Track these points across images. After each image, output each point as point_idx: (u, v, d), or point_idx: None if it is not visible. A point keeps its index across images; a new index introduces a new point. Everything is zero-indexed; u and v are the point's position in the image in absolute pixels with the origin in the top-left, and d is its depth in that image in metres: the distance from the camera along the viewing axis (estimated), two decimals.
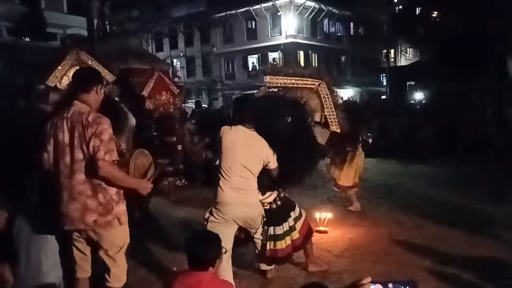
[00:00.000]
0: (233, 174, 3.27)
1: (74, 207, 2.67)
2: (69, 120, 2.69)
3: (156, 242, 4.83)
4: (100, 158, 2.60)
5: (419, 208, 5.87)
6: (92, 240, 2.80)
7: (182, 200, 6.82)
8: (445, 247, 4.47)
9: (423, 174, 8.44)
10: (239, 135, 3.33)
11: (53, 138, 2.73)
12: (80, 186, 2.67)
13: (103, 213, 2.69)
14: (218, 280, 2.62)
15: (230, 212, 3.30)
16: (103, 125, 2.66)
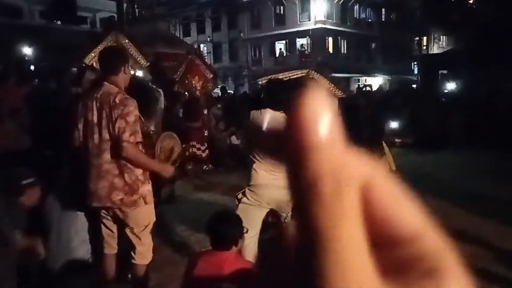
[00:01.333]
0: (267, 155, 3.29)
1: (101, 185, 2.75)
2: (98, 100, 2.75)
3: (180, 223, 4.92)
4: (124, 139, 2.66)
5: (449, 198, 5.73)
6: (118, 218, 2.88)
7: (207, 185, 6.89)
8: (475, 239, 4.36)
9: (454, 164, 8.22)
10: (269, 117, 3.36)
11: (83, 117, 2.80)
12: (107, 165, 2.74)
13: (129, 192, 2.77)
14: (241, 259, 2.66)
15: (265, 194, 3.33)
16: (129, 107, 2.71)
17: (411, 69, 34.60)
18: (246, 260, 2.79)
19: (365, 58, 34.66)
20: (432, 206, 1.20)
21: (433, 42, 34.20)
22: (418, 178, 6.98)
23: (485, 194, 5.93)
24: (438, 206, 5.45)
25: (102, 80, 2.83)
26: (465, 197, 5.84)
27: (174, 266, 3.79)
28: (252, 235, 3.38)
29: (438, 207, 5.41)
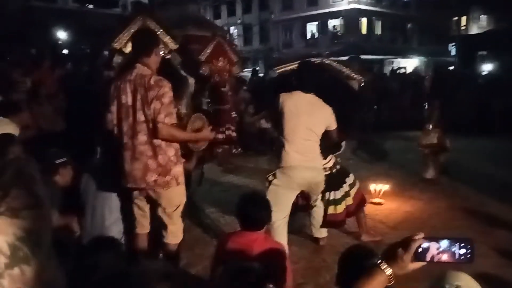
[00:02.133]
0: (298, 138, 3.30)
1: (136, 167, 2.80)
2: (132, 82, 2.77)
3: (210, 205, 5.00)
4: (160, 120, 2.69)
5: (482, 185, 5.57)
6: (152, 198, 2.94)
7: (236, 168, 6.94)
8: (508, 226, 4.24)
9: (490, 150, 7.94)
10: (300, 99, 3.36)
11: (117, 99, 2.83)
12: (141, 146, 2.78)
13: (162, 173, 2.81)
14: (270, 240, 2.69)
15: (297, 176, 3.34)
16: (164, 88, 2.73)
17: (448, 51, 33.36)
18: (275, 242, 2.82)
19: (400, 40, 33.64)
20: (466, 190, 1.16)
21: (472, 22, 32.76)
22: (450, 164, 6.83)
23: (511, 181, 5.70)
24: (472, 190, 5.33)
25: (134, 62, 2.85)
26: (496, 185, 5.63)
27: (204, 246, 3.87)
28: (282, 216, 3.40)
29: (472, 191, 5.29)
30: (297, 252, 3.73)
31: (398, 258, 1.16)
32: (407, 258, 1.15)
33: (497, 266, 3.49)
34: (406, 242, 1.16)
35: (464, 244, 1.16)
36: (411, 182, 5.87)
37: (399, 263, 1.16)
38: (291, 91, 3.41)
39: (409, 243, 1.15)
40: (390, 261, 1.17)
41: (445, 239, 1.17)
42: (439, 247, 1.16)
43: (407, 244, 1.15)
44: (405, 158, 7.42)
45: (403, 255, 1.15)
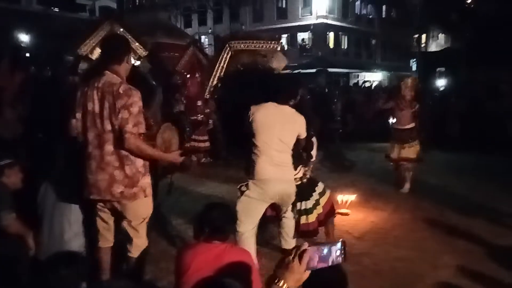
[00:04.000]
0: (271, 149, 3.29)
1: (101, 177, 2.69)
2: (99, 90, 2.67)
3: (178, 216, 4.91)
4: (128, 130, 2.60)
5: (442, 196, 5.77)
6: (117, 211, 2.83)
7: (205, 177, 6.89)
8: (467, 236, 4.40)
9: (448, 162, 8.25)
10: (272, 110, 3.36)
11: (83, 106, 2.72)
12: (108, 156, 2.68)
13: (129, 185, 2.71)
14: (237, 248, 2.65)
15: (270, 189, 3.34)
16: (133, 98, 2.64)
17: (409, 66, 34.62)
18: (242, 249, 2.78)
19: (365, 54, 34.61)
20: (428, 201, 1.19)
21: (431, 39, 34.18)
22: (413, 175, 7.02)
23: (476, 194, 5.95)
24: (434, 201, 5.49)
25: (103, 69, 2.74)
26: (456, 196, 5.85)
27: (170, 260, 3.75)
28: (250, 227, 3.39)
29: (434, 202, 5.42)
30: (266, 264, 3.68)
31: (294, 271, 1.21)
32: (302, 269, 1.21)
33: (456, 275, 3.61)
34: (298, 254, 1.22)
35: (339, 247, 1.24)
36: (376, 193, 6.00)
37: (296, 275, 1.21)
38: (262, 102, 3.39)
39: (301, 254, 1.21)
40: (285, 276, 1.22)
41: (324, 247, 1.25)
42: (321, 254, 1.24)
43: (300, 256, 1.21)
44: (370, 169, 7.60)
45: (299, 267, 1.21)
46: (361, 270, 3.59)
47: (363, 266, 3.71)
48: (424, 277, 3.58)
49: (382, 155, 7.56)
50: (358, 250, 4.08)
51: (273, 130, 3.28)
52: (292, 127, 3.36)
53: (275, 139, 3.28)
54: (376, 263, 3.83)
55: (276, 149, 3.30)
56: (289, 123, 3.35)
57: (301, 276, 1.21)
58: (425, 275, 3.61)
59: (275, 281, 1.22)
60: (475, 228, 4.62)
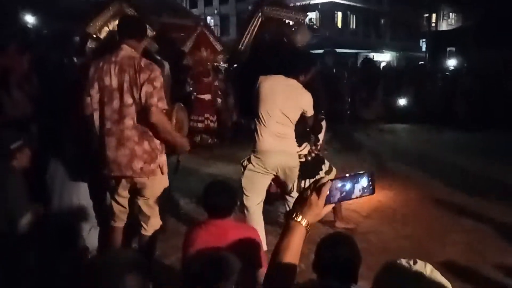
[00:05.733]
0: (272, 121, 3.29)
1: (122, 153, 2.63)
2: (117, 64, 2.61)
3: (185, 195, 4.96)
4: (153, 104, 2.54)
5: (451, 176, 5.75)
6: (135, 188, 2.79)
7: (212, 157, 6.91)
8: (475, 215, 4.40)
9: (458, 142, 8.20)
10: (278, 82, 3.35)
11: (98, 82, 2.65)
12: (128, 131, 2.62)
13: (148, 160, 2.67)
14: (245, 226, 2.68)
15: (270, 161, 3.34)
16: (156, 72, 2.60)
17: (419, 46, 34.11)
18: (248, 227, 2.81)
19: (374, 34, 34.13)
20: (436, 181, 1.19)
21: (442, 19, 33.58)
22: (419, 155, 7.03)
23: (485, 172, 5.92)
24: (442, 181, 5.49)
25: (120, 43, 2.67)
26: (464, 175, 5.84)
27: (178, 237, 3.80)
28: (257, 201, 3.42)
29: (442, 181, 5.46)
30: (273, 241, 3.71)
31: (312, 206, 1.15)
32: (321, 204, 1.15)
33: (464, 253, 3.63)
34: (317, 188, 1.16)
35: (366, 178, 1.19)
36: (384, 172, 5.99)
37: (314, 210, 1.15)
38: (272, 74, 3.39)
39: (319, 189, 1.15)
40: (304, 210, 1.16)
41: (348, 179, 1.18)
42: (345, 187, 1.18)
43: (318, 190, 1.15)
44: (378, 149, 7.57)
45: (317, 201, 1.15)
46: (369, 248, 3.61)
47: (371, 243, 3.74)
48: (432, 255, 3.59)
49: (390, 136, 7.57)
50: (365, 228, 4.11)
51: (275, 101, 3.27)
52: (296, 101, 3.34)
53: (277, 111, 3.27)
54: (383, 240, 3.85)
55: (278, 121, 3.29)
56: (293, 96, 3.32)
57: (320, 211, 1.16)
58: (433, 253, 3.63)
59: (293, 215, 1.18)
60: (484, 206, 4.62)
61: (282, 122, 3.32)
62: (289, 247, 1.17)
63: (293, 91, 3.34)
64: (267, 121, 3.30)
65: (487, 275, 3.29)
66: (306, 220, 1.16)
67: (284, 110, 3.29)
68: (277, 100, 3.27)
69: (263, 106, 3.30)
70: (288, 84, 3.36)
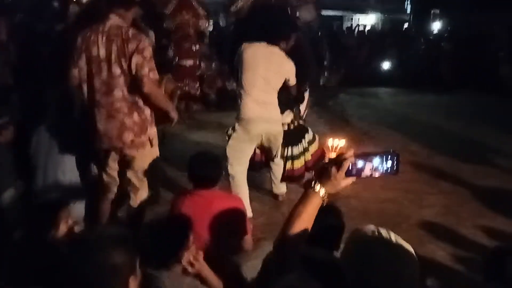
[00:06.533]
0: (255, 88, 3.31)
1: (112, 125, 2.62)
2: (105, 34, 2.56)
3: (171, 164, 4.97)
4: (144, 75, 2.52)
5: (432, 138, 5.89)
6: (125, 160, 2.79)
7: (197, 124, 6.89)
8: (454, 177, 4.57)
9: (440, 104, 8.32)
10: (261, 49, 3.35)
11: (85, 53, 2.60)
12: (118, 103, 2.60)
13: (138, 133, 2.68)
14: (227, 194, 2.76)
15: (254, 128, 3.39)
16: (144, 42, 2.57)
17: (404, 8, 33.78)
18: (234, 196, 2.89)
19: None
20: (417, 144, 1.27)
21: None
22: (401, 118, 7.15)
23: (466, 135, 6.09)
24: (422, 144, 5.63)
25: (108, 12, 2.61)
26: (444, 138, 6.00)
27: (164, 206, 3.87)
28: (241, 169, 3.49)
29: (422, 144, 5.60)
30: (257, 208, 3.84)
31: (331, 177, 1.19)
32: (340, 176, 1.19)
33: (441, 215, 3.80)
34: (338, 160, 1.20)
35: (390, 157, 1.22)
36: (367, 137, 6.10)
37: (332, 181, 1.20)
38: (255, 41, 3.37)
39: (341, 161, 1.19)
40: (323, 181, 1.21)
41: (373, 156, 1.21)
42: (368, 163, 1.21)
43: (339, 163, 1.19)
44: (361, 113, 7.66)
45: (336, 173, 1.19)
46: (350, 212, 3.71)
47: (352, 208, 3.86)
48: (410, 217, 3.76)
49: (373, 100, 7.60)
50: (347, 192, 4.21)
51: (257, 68, 3.29)
52: (278, 69, 3.35)
53: (260, 78, 3.29)
54: (364, 205, 3.98)
55: (261, 88, 3.32)
56: (275, 64, 3.33)
57: (339, 183, 1.19)
58: (411, 215, 3.78)
59: (311, 184, 1.22)
60: (463, 169, 4.78)
61: (265, 89, 3.33)
62: (303, 214, 1.22)
63: (275, 59, 3.34)
64: (250, 88, 3.31)
65: (463, 236, 3.47)
66: (324, 190, 1.20)
67: (267, 78, 3.31)
68: (259, 67, 3.28)
69: (246, 73, 3.30)
70: (270, 51, 3.36)
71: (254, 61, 3.29)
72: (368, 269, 1.10)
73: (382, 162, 1.21)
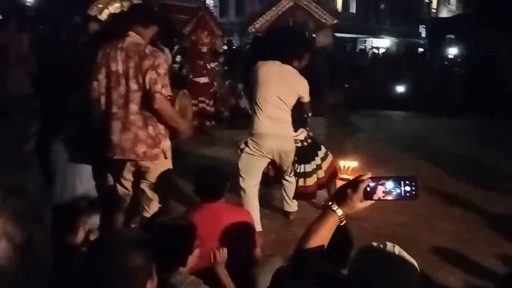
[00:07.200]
0: (269, 105, 3.38)
1: (126, 137, 2.72)
2: (124, 50, 2.68)
3: (184, 177, 5.02)
4: (157, 90, 2.62)
5: (443, 162, 5.85)
6: (138, 172, 2.88)
7: (210, 140, 6.96)
8: (465, 202, 4.52)
9: (453, 128, 8.26)
10: (275, 68, 3.43)
11: (105, 67, 2.72)
12: (132, 116, 2.71)
13: (151, 145, 2.76)
14: (236, 208, 2.79)
15: (266, 144, 3.43)
16: (160, 59, 2.68)
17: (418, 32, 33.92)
18: (243, 209, 2.91)
19: (373, 19, 33.89)
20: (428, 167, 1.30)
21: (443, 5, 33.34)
22: (413, 141, 7.13)
23: (477, 159, 6.05)
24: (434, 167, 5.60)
25: (127, 30, 2.74)
26: (457, 162, 5.96)
27: None
28: (252, 184, 3.52)
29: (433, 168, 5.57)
30: (268, 225, 3.85)
31: (348, 199, 1.21)
32: (356, 198, 1.20)
33: (453, 241, 3.75)
34: (355, 183, 1.21)
35: (409, 182, 1.21)
36: (379, 160, 6.08)
37: (349, 203, 1.21)
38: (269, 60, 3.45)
39: (357, 184, 1.20)
40: (340, 202, 1.23)
41: (391, 179, 1.21)
42: (386, 186, 1.20)
43: (356, 185, 1.20)
44: (374, 135, 7.66)
45: (352, 195, 1.20)
46: (360, 234, 3.69)
47: (362, 229, 3.84)
48: (421, 242, 3.72)
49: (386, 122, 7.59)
50: (359, 215, 4.19)
51: (270, 86, 3.36)
52: (291, 86, 3.41)
53: (273, 95, 3.36)
54: (375, 227, 3.96)
55: (274, 105, 3.38)
56: (288, 81, 3.39)
57: (356, 205, 1.21)
58: (422, 240, 3.75)
59: (330, 203, 1.24)
60: (474, 194, 4.73)
61: (278, 106, 3.40)
62: (320, 231, 1.24)
63: (288, 76, 3.41)
64: (263, 105, 3.38)
65: (475, 262, 3.41)
66: (341, 210, 1.22)
67: (280, 95, 3.37)
68: (273, 85, 3.36)
69: (260, 91, 3.38)
70: (284, 69, 3.43)
71: (268, 79, 3.37)
72: (371, 276, 1.15)
73: (399, 186, 1.20)
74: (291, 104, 3.45)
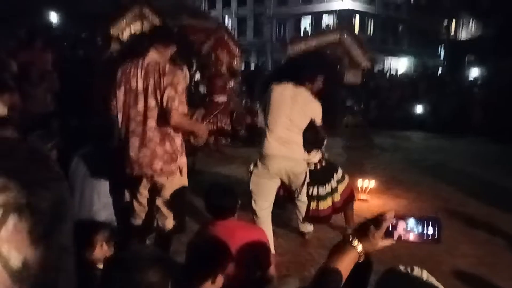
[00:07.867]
0: (278, 126, 3.35)
1: (144, 154, 2.76)
2: (144, 68, 2.74)
3: (198, 195, 5.01)
4: (174, 108, 2.66)
5: (464, 186, 5.73)
6: (155, 188, 2.91)
7: (225, 158, 7.00)
8: (486, 227, 4.39)
9: (472, 152, 8.15)
10: (288, 89, 3.41)
11: (125, 85, 2.78)
12: (150, 132, 2.74)
13: (168, 161, 2.79)
14: (249, 225, 2.77)
15: (273, 165, 3.39)
16: (179, 77, 2.73)
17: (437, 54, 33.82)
18: (257, 227, 2.87)
19: (391, 40, 33.98)
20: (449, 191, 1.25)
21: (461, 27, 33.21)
22: (433, 164, 7.02)
23: (496, 184, 5.90)
24: (455, 191, 5.48)
25: (147, 49, 2.81)
26: (478, 186, 5.81)
27: (189, 234, 3.90)
28: (264, 206, 3.47)
29: (454, 192, 5.45)
30: (283, 245, 3.80)
31: (369, 235, 1.17)
32: (378, 236, 1.16)
33: (475, 265, 3.63)
34: (378, 220, 1.17)
35: (432, 224, 1.16)
36: (397, 181, 5.99)
37: (370, 240, 1.17)
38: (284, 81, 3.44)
39: (380, 221, 1.16)
40: (361, 238, 1.19)
41: (412, 218, 1.17)
42: (408, 225, 1.16)
43: (379, 222, 1.17)
44: (392, 156, 7.57)
45: (374, 232, 1.16)
46: (380, 255, 3.59)
47: (382, 252, 3.70)
48: (442, 264, 3.61)
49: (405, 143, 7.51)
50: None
51: (282, 107, 3.33)
52: (303, 108, 3.37)
53: (284, 117, 3.33)
54: (394, 249, 3.80)
55: (284, 126, 3.35)
56: (300, 104, 3.36)
57: (377, 242, 1.17)
58: (444, 262, 3.64)
59: (350, 238, 1.20)
60: (496, 218, 4.60)
61: (289, 128, 3.36)
62: (338, 264, 1.19)
63: (300, 99, 3.38)
64: (273, 126, 3.36)
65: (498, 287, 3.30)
66: (361, 246, 1.19)
67: (291, 117, 3.34)
68: (284, 106, 3.34)
69: (271, 111, 3.37)
70: (296, 92, 3.40)
71: (280, 100, 3.36)
72: None
73: (422, 227, 1.17)
74: (302, 126, 3.41)
